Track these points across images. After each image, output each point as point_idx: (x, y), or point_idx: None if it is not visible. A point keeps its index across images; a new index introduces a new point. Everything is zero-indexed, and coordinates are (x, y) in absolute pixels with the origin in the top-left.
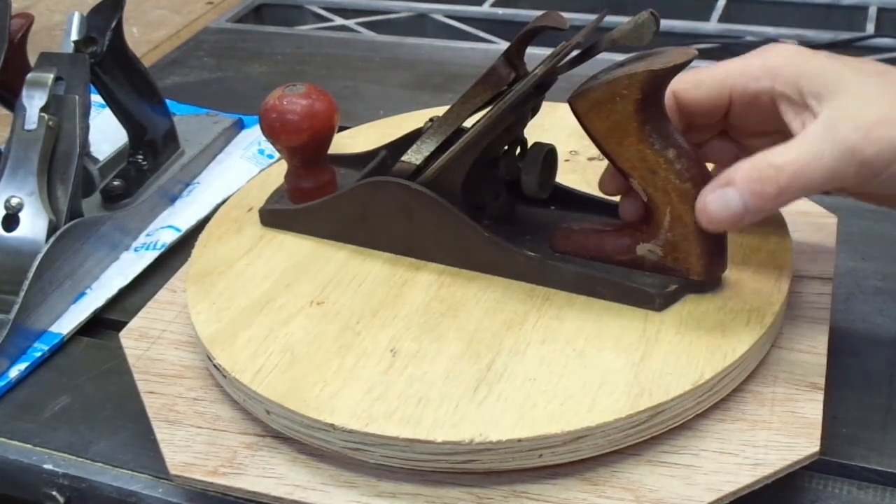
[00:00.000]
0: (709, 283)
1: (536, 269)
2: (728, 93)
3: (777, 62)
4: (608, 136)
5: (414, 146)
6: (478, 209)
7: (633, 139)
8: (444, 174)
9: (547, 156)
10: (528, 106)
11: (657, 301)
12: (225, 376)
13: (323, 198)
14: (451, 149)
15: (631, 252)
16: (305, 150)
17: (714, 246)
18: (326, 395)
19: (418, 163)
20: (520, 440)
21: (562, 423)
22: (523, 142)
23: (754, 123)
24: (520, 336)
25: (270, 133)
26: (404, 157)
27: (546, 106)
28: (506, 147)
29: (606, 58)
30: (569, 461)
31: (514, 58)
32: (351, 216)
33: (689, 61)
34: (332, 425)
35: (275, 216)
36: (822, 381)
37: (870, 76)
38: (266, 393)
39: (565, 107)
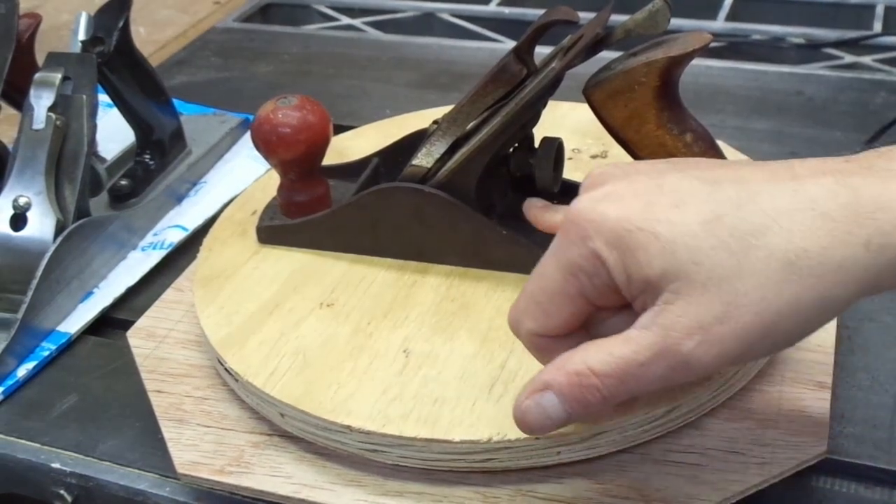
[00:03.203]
0: None
1: None
2: (580, 301)
3: (596, 249)
4: (626, 124)
5: (423, 149)
6: (488, 208)
7: (651, 126)
8: (457, 175)
9: (557, 150)
10: (544, 102)
11: None
12: (237, 380)
13: (324, 211)
14: (465, 149)
15: None
16: (301, 163)
17: None
18: (341, 397)
19: (429, 165)
20: (538, 438)
21: None
22: (530, 138)
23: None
24: None
25: (266, 147)
26: (414, 161)
27: (548, 105)
28: (515, 144)
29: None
30: (585, 458)
31: (524, 54)
32: (359, 225)
33: (706, 46)
34: (348, 427)
35: (274, 232)
36: (829, 380)
37: (701, 239)
38: (280, 396)
39: (567, 105)
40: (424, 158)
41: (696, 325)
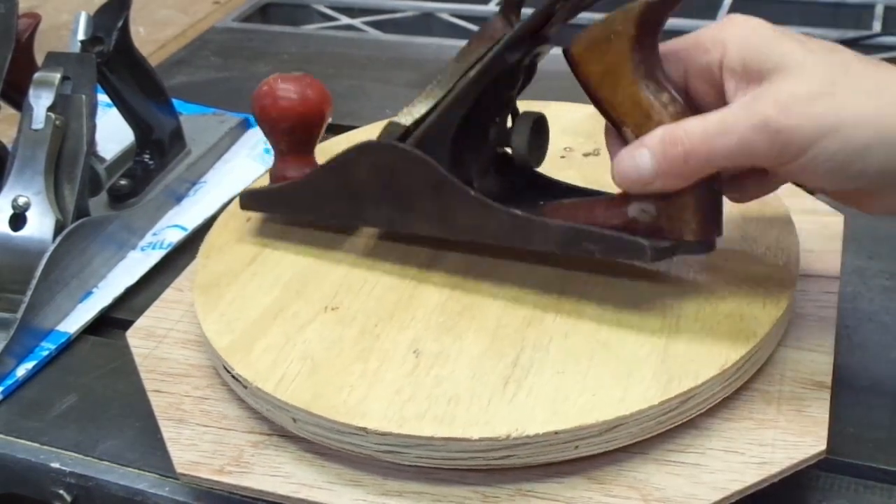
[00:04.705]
0: (704, 243)
1: (522, 229)
2: (683, 66)
3: (727, 34)
4: (602, 81)
5: (405, 108)
6: (465, 183)
7: (626, 81)
8: (431, 131)
9: (537, 121)
10: (518, 59)
11: (648, 252)
12: (246, 387)
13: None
14: (439, 107)
15: (623, 215)
16: (294, 132)
17: (709, 202)
18: (354, 400)
19: (408, 124)
20: (556, 433)
21: (596, 414)
22: (515, 111)
23: (712, 98)
24: (541, 331)
25: (261, 112)
26: (394, 119)
27: (539, 105)
28: (497, 119)
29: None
30: (603, 451)
31: (510, 13)
32: (334, 188)
33: None
34: (364, 429)
35: (255, 198)
36: (828, 379)
37: (816, 53)
38: (292, 401)
39: (559, 105)
40: (404, 117)
41: (784, 99)
